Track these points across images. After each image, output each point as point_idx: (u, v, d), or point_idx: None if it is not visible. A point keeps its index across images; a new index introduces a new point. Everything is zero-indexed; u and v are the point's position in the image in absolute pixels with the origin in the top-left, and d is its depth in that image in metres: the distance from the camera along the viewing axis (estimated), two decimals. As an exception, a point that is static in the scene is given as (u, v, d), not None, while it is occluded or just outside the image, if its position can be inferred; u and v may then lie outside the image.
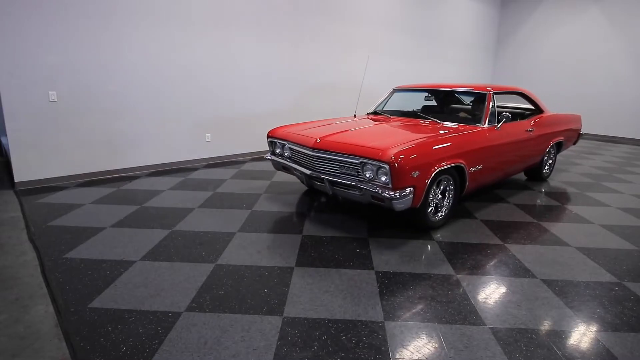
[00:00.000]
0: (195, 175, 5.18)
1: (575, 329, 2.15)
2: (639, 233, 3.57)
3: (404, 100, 4.95)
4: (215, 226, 3.45)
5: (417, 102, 5.00)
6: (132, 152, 5.14)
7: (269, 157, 4.11)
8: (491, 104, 3.99)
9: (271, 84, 6.35)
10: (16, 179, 4.37)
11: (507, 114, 3.85)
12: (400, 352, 1.93)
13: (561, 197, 4.62)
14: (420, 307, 2.32)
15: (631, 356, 1.95)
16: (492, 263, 2.90)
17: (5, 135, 4.33)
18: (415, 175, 2.95)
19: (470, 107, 4.69)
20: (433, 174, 3.09)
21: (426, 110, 4.93)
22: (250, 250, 2.99)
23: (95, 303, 2.28)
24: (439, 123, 3.97)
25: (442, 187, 3.44)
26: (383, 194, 2.91)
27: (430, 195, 3.32)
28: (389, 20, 7.92)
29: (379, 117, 4.48)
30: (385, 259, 2.90)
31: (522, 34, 10.60)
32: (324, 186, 3.44)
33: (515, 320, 2.21)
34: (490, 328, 2.14)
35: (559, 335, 2.09)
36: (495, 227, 3.60)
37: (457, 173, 3.46)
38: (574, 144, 5.80)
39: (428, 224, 3.38)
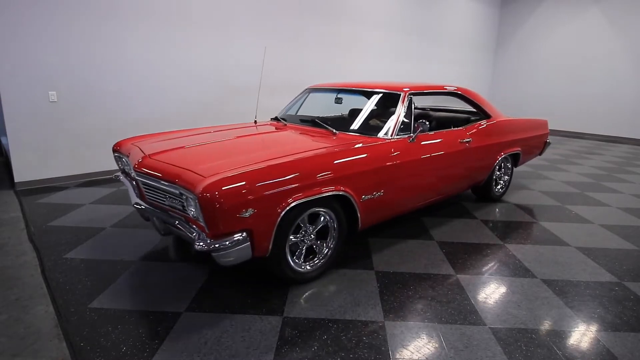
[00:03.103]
0: (195, 175, 5.17)
1: (576, 329, 2.15)
2: (639, 233, 3.57)
3: (322, 102, 3.99)
4: (215, 226, 3.44)
5: (337, 105, 3.92)
6: (132, 152, 5.13)
7: (117, 177, 3.20)
8: (404, 108, 3.11)
9: (272, 84, 6.34)
10: (16, 179, 4.37)
11: (424, 121, 2.98)
12: (400, 352, 1.93)
13: (561, 197, 4.62)
14: (420, 307, 2.32)
15: (631, 356, 1.95)
16: (492, 263, 2.90)
17: (5, 135, 4.33)
18: (248, 215, 2.06)
19: (387, 112, 3.69)
20: (285, 211, 2.21)
21: (352, 114, 3.89)
22: (250, 250, 2.99)
23: (95, 303, 2.28)
24: (334, 134, 3.02)
25: (309, 224, 2.51)
26: (197, 243, 2.03)
27: (294, 238, 2.43)
28: (388, 20, 7.92)
29: (278, 123, 3.63)
30: (385, 259, 2.90)
31: (522, 34, 10.61)
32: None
33: (515, 320, 2.21)
34: (490, 328, 2.14)
35: (559, 335, 2.10)
36: (495, 227, 3.60)
37: (340, 204, 2.57)
38: (540, 154, 4.82)
39: (292, 278, 2.45)
